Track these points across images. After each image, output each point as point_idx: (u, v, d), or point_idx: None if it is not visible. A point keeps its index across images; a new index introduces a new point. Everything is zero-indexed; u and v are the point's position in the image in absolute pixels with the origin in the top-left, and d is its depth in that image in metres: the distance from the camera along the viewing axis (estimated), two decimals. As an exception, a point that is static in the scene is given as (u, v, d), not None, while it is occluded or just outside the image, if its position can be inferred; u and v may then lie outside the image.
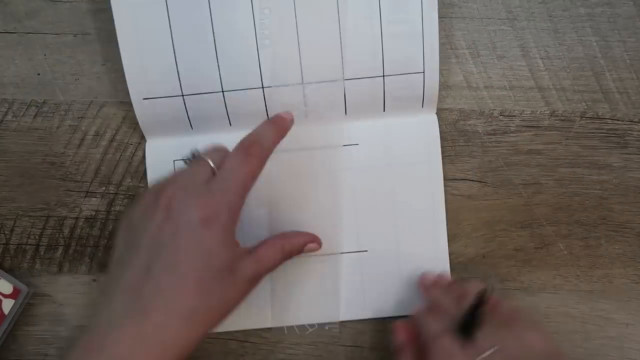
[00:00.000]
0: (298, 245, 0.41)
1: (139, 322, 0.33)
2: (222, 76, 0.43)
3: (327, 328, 0.46)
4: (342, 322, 0.46)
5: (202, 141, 0.44)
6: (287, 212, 0.45)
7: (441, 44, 0.45)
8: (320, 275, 0.45)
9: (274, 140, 0.40)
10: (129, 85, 0.43)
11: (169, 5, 0.42)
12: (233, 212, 0.36)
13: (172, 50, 0.43)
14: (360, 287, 0.46)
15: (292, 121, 0.42)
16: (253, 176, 0.37)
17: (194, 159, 0.39)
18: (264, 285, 0.45)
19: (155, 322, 0.33)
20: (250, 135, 0.39)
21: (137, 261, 0.34)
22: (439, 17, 0.45)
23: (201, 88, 0.43)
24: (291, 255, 0.40)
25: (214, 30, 0.43)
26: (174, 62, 0.43)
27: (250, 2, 0.43)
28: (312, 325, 0.46)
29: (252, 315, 0.45)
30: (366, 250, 0.46)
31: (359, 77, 0.44)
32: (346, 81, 0.44)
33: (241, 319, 0.45)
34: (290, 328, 0.46)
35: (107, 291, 0.35)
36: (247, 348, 0.46)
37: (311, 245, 0.42)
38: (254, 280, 0.37)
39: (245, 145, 0.38)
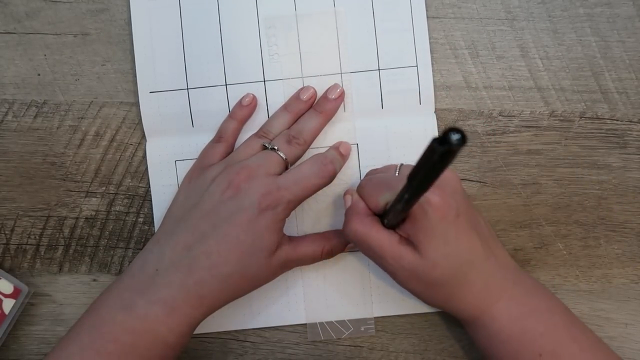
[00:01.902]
0: (339, 245, 0.44)
1: (185, 274, 0.39)
2: (226, 70, 0.45)
3: (362, 329, 0.46)
4: (342, 322, 0.46)
5: (201, 141, 0.45)
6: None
7: (440, 44, 0.45)
8: (349, 271, 0.46)
9: (344, 164, 0.45)
10: (138, 78, 0.45)
11: (182, 5, 0.45)
12: (289, 208, 0.40)
13: (182, 47, 0.45)
14: (360, 286, 0.46)
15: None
16: (317, 189, 0.41)
17: (271, 150, 0.42)
18: (296, 281, 0.46)
19: (197, 278, 0.39)
20: (330, 153, 0.43)
21: (195, 223, 0.40)
22: (438, 18, 0.45)
23: (206, 81, 0.45)
24: (332, 254, 0.44)
25: (221, 29, 0.45)
26: (182, 57, 0.45)
27: (255, 3, 0.45)
28: (347, 328, 0.46)
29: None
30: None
31: (356, 70, 0.45)
32: (344, 75, 0.45)
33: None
34: (326, 332, 0.46)
35: (159, 241, 0.41)
36: (247, 348, 0.46)
37: (350, 246, 0.44)
38: (285, 266, 0.42)
39: (326, 161, 0.42)
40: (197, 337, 0.46)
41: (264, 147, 0.43)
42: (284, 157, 0.42)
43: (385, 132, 0.45)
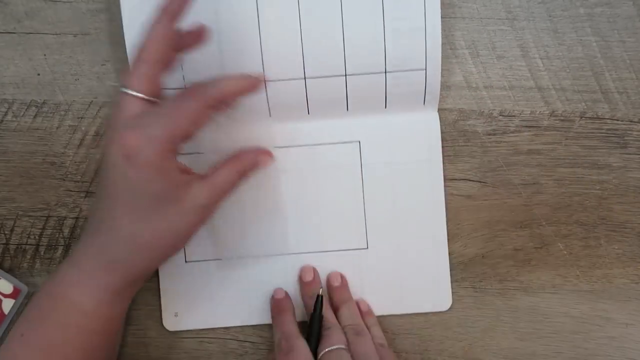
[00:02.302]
0: (251, 162, 0.39)
1: (91, 240, 0.38)
2: (225, 70, 0.44)
3: None
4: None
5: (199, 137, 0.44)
6: (291, 207, 0.45)
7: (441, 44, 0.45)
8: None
9: (226, 92, 0.37)
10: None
11: None
12: (158, 146, 0.34)
13: None
14: (359, 285, 0.46)
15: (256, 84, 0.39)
16: (187, 116, 0.35)
17: (122, 92, 0.36)
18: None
19: (100, 242, 0.38)
20: (203, 82, 0.37)
21: (96, 194, 0.40)
22: (439, 17, 0.45)
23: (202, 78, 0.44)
24: (246, 174, 0.39)
25: (220, 27, 0.43)
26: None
27: (255, 3, 0.43)
28: None
29: (254, 312, 0.46)
30: (366, 248, 0.46)
31: (361, 72, 0.44)
32: (348, 77, 0.44)
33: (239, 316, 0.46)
34: None
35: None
36: (246, 348, 0.46)
37: (262, 158, 0.40)
38: (209, 207, 0.38)
39: (193, 88, 0.36)
40: (197, 337, 0.46)
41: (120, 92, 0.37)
42: (136, 94, 0.36)
43: (387, 130, 0.45)
